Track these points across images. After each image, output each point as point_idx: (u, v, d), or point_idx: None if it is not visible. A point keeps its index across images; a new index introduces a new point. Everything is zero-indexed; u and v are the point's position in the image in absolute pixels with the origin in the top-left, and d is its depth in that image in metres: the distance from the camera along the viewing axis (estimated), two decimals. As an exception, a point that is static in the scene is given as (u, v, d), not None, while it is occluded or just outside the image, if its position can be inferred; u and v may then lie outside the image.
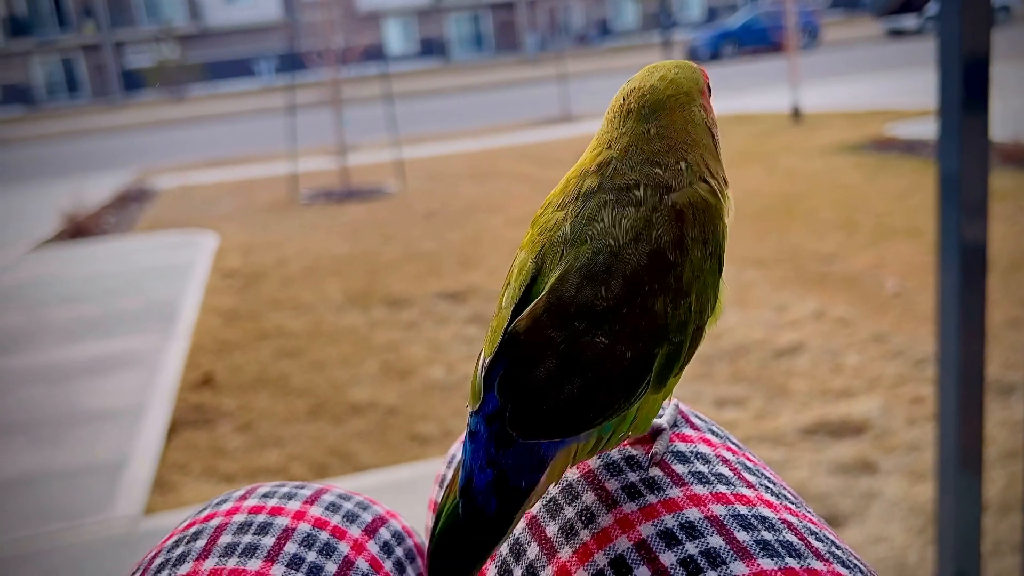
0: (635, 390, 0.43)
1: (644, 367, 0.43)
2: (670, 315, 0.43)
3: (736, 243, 5.05)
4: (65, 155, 16.03)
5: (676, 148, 0.47)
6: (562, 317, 0.42)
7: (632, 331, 0.42)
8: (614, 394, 0.42)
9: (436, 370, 3.54)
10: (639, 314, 0.42)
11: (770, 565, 0.41)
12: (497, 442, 0.42)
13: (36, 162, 15.11)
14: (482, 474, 0.42)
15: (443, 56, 37.76)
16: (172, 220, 7.84)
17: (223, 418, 3.26)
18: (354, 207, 7.63)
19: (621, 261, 0.42)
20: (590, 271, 0.42)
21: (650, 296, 0.42)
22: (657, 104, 0.47)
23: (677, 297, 0.43)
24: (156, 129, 20.32)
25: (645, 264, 0.43)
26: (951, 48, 1.33)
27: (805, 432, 2.68)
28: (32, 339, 4.54)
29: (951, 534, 1.49)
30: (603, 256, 0.43)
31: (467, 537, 0.42)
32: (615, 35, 38.85)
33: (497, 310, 0.45)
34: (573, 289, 0.42)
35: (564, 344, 0.41)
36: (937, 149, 1.40)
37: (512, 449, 0.41)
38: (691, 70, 0.50)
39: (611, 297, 0.42)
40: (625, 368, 0.42)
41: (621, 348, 0.42)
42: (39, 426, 3.33)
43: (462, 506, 0.42)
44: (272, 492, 0.59)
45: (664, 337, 0.43)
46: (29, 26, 36.38)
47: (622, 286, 0.42)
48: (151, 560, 0.54)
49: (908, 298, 3.83)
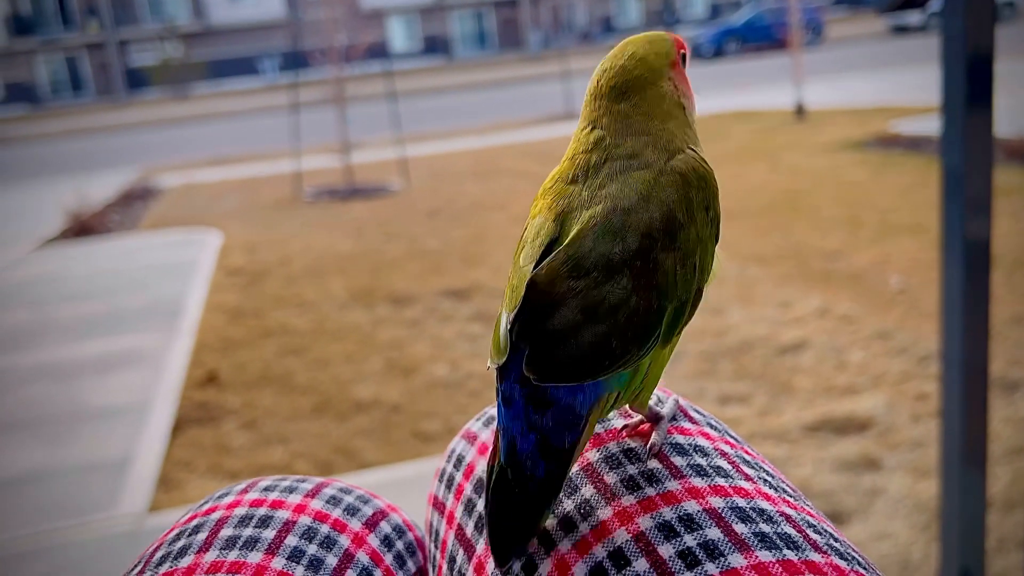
0: (647, 341, 0.44)
1: (656, 319, 0.44)
2: (678, 272, 0.45)
3: (740, 240, 5.06)
4: (69, 153, 16.06)
5: (654, 121, 0.49)
6: (580, 268, 0.43)
7: (645, 284, 0.44)
8: (628, 343, 0.43)
9: (440, 367, 3.55)
10: (652, 269, 0.44)
11: (768, 557, 0.41)
12: (534, 405, 0.43)
13: (40, 160, 15.13)
14: (525, 440, 0.43)
15: (446, 54, 37.75)
16: (176, 218, 7.85)
17: (227, 415, 3.27)
18: (358, 205, 7.64)
19: (635, 218, 0.44)
20: (606, 226, 0.44)
21: (661, 252, 0.44)
22: (626, 84, 0.49)
23: (684, 256, 0.45)
24: (160, 127, 20.34)
25: (657, 222, 0.44)
26: (955, 44, 1.33)
27: (809, 429, 2.68)
28: (37, 337, 4.55)
29: (955, 531, 1.49)
30: (618, 214, 0.44)
31: (522, 502, 0.43)
32: (618, 32, 38.78)
33: (513, 270, 0.46)
34: (591, 242, 0.44)
35: (582, 293, 0.43)
36: (941, 146, 1.40)
37: (550, 410, 0.43)
38: (662, 43, 0.51)
39: (626, 251, 0.44)
40: (639, 318, 0.43)
41: (636, 299, 0.43)
42: (44, 423, 3.34)
43: (511, 473, 0.43)
44: (273, 486, 0.59)
45: (673, 293, 0.45)
46: (33, 25, 36.42)
47: (637, 241, 0.44)
48: (153, 552, 0.55)
49: (912, 295, 3.82)
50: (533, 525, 0.43)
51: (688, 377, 3.18)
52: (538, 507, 0.43)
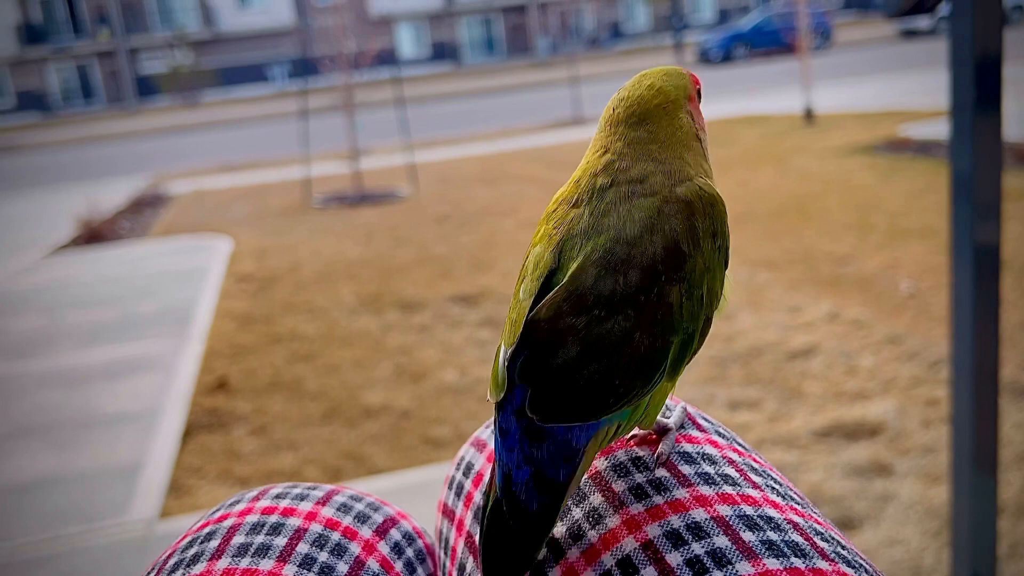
0: (652, 377, 0.44)
1: (660, 355, 0.44)
2: (684, 305, 0.44)
3: (749, 245, 5.05)
4: (80, 161, 16.15)
5: (670, 151, 0.48)
6: (582, 305, 0.42)
7: (649, 320, 0.43)
8: (632, 380, 0.43)
9: (449, 373, 3.55)
10: (656, 303, 0.43)
11: (776, 565, 0.41)
12: (530, 437, 0.42)
13: (52, 168, 15.22)
14: (520, 472, 0.42)
15: (455, 60, 37.82)
16: (186, 225, 7.88)
17: (238, 422, 3.28)
18: (367, 211, 7.66)
19: (638, 251, 0.44)
20: (608, 261, 0.43)
21: (665, 286, 0.43)
22: (645, 112, 0.49)
23: (691, 287, 0.44)
24: (170, 135, 20.43)
25: (660, 254, 0.44)
26: (963, 48, 1.33)
27: (819, 434, 2.67)
28: (49, 343, 4.57)
29: (966, 537, 1.48)
30: (620, 246, 0.44)
31: (515, 535, 0.43)
32: (627, 38, 38.80)
33: (513, 303, 0.46)
34: (592, 278, 0.43)
35: (584, 330, 0.42)
36: (950, 149, 1.40)
37: (545, 443, 0.42)
38: (679, 77, 0.52)
39: (629, 286, 0.43)
40: (643, 355, 0.43)
41: (639, 336, 0.43)
42: (56, 429, 3.36)
43: (506, 505, 0.43)
44: (284, 493, 0.60)
45: (679, 326, 0.44)
46: (44, 33, 36.66)
47: (639, 276, 0.43)
48: (165, 560, 0.55)
49: (923, 299, 3.81)
50: (527, 558, 0.43)
51: (697, 383, 3.17)
52: (532, 540, 0.43)
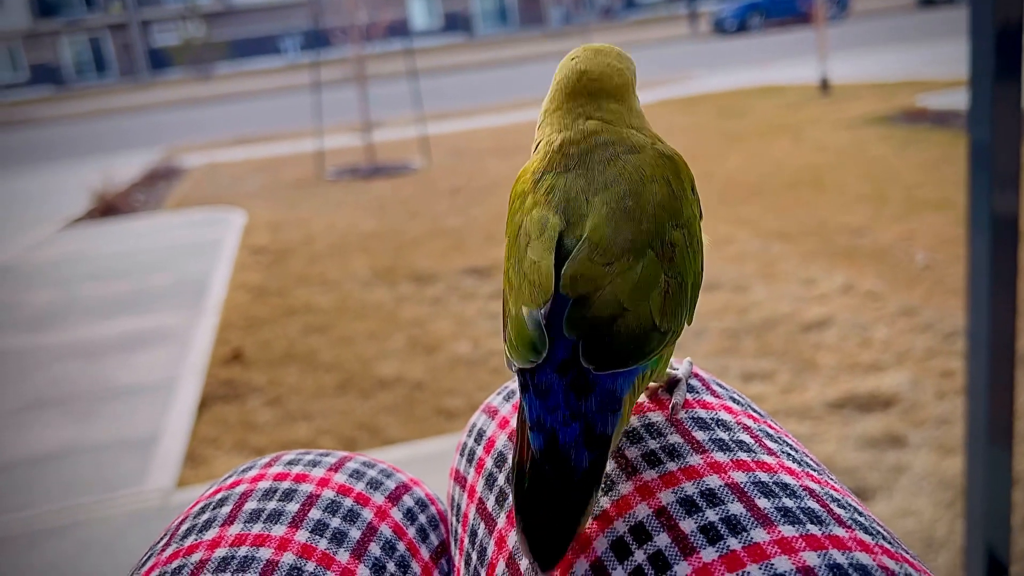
0: (681, 315, 0.45)
1: (683, 295, 0.45)
2: (687, 249, 0.46)
3: (763, 216, 5.02)
4: (94, 134, 16.18)
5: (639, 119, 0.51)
6: (609, 255, 0.44)
7: (668, 262, 0.45)
8: (669, 320, 0.44)
9: (462, 345, 3.56)
10: (671, 247, 0.45)
11: (791, 532, 0.41)
12: (576, 392, 0.42)
13: (66, 141, 15.27)
14: (567, 430, 0.42)
15: (467, 31, 37.57)
16: (200, 198, 7.90)
17: (253, 393, 3.30)
18: (380, 183, 7.65)
19: (644, 200, 0.45)
20: (622, 211, 0.45)
21: (672, 231, 0.45)
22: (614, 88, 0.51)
23: (689, 233, 0.46)
24: (183, 107, 20.44)
25: (664, 202, 0.46)
26: (983, 16, 1.31)
27: (833, 406, 2.66)
28: (65, 316, 4.61)
29: (980, 508, 1.48)
30: (629, 198, 0.45)
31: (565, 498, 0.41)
32: (640, 7, 38.43)
33: (524, 266, 0.45)
34: (612, 230, 0.44)
35: (619, 278, 0.43)
36: (968, 119, 1.38)
37: (593, 395, 0.42)
38: (630, 60, 0.54)
39: (646, 232, 0.44)
40: (672, 295, 0.44)
41: (664, 278, 0.44)
42: (73, 401, 3.39)
43: (551, 469, 0.41)
44: (297, 459, 0.60)
45: (689, 268, 0.46)
46: (57, 6, 36.63)
47: (652, 222, 0.45)
48: (178, 525, 0.55)
49: (938, 271, 3.78)
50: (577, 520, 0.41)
51: (711, 354, 3.17)
52: (583, 500, 0.41)
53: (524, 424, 0.43)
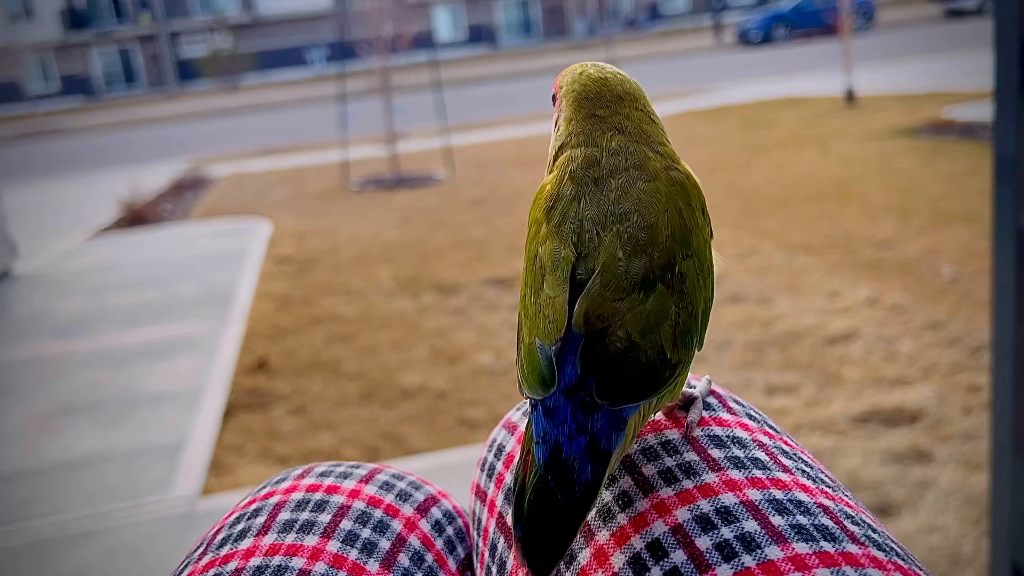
0: (691, 346, 0.46)
1: (693, 324, 0.46)
2: (697, 276, 0.47)
3: (788, 228, 5.00)
4: (123, 144, 16.38)
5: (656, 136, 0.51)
6: (621, 289, 0.44)
7: (679, 293, 0.45)
8: (679, 351, 0.45)
9: (485, 356, 3.57)
10: (681, 278, 0.46)
11: (805, 549, 0.41)
12: (584, 410, 0.43)
13: (95, 151, 15.46)
14: (573, 442, 0.43)
15: (492, 42, 37.72)
16: (227, 208, 7.98)
17: (277, 401, 3.32)
18: (404, 194, 7.69)
19: (657, 233, 0.46)
20: (635, 245, 0.45)
21: (683, 261, 0.46)
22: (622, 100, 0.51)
23: (699, 260, 0.47)
24: (210, 118, 20.64)
25: (675, 233, 0.46)
26: (1008, 28, 1.31)
27: (857, 420, 2.65)
28: (94, 324, 4.67)
29: (1006, 525, 1.47)
30: (641, 230, 0.46)
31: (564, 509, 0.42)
32: (665, 19, 38.42)
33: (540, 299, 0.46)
34: (624, 263, 0.45)
35: (630, 313, 0.44)
36: (993, 132, 1.38)
37: (600, 413, 0.43)
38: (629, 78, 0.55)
39: (657, 265, 0.45)
40: (682, 326, 0.45)
41: (674, 309, 0.45)
42: (101, 408, 3.43)
43: (553, 480, 0.42)
44: (328, 471, 0.61)
45: (700, 295, 0.47)
46: (88, 18, 37.17)
47: (664, 255, 0.45)
48: (214, 535, 0.57)
49: (965, 284, 3.75)
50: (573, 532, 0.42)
51: (735, 367, 3.16)
52: (580, 512, 0.42)
53: (531, 440, 0.44)
